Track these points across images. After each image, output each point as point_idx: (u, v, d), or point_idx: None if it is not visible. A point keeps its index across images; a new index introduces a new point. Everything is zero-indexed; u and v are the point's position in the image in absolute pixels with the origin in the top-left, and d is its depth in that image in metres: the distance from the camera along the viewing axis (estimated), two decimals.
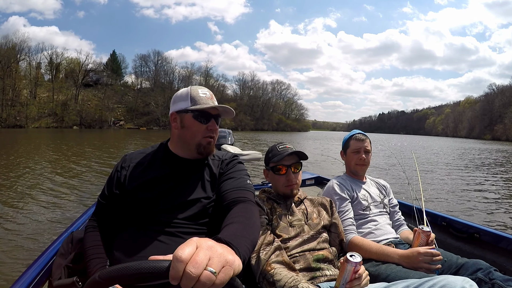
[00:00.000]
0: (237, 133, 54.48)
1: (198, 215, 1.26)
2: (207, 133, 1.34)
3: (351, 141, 2.11)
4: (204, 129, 1.33)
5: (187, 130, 1.35)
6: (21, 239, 4.13)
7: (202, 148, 1.35)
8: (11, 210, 5.47)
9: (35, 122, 58.69)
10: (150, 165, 1.37)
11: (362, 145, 2.06)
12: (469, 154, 23.77)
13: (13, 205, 5.77)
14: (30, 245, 3.93)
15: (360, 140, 2.07)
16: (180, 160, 1.38)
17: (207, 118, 1.33)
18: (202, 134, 1.34)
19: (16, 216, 5.15)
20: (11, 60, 60.97)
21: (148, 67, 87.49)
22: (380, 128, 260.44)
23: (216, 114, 1.36)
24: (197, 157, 1.39)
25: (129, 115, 74.97)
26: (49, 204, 5.94)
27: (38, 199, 6.23)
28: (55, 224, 4.79)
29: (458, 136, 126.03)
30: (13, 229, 4.52)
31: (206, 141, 1.34)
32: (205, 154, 1.38)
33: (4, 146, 17.78)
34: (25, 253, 3.70)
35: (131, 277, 0.60)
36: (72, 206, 5.83)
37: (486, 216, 6.17)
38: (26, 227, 4.62)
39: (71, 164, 11.38)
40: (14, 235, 4.30)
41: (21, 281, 1.20)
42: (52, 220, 5.00)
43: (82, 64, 73.11)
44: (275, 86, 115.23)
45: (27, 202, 6.01)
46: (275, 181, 1.71)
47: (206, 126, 1.33)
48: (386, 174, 11.44)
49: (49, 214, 5.29)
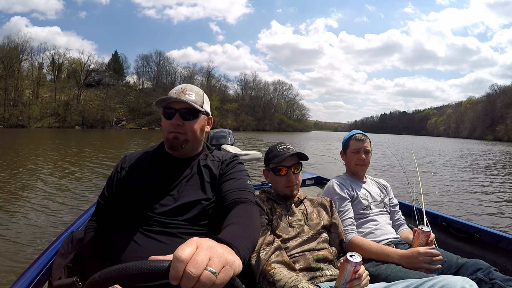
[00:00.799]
0: (239, 134, 54.38)
1: (198, 216, 1.26)
2: (171, 129, 1.31)
3: (351, 141, 2.11)
4: (169, 125, 1.32)
5: (162, 127, 1.36)
6: (20, 240, 4.13)
7: (168, 143, 1.34)
8: (8, 210, 5.47)
9: (37, 122, 58.96)
10: (150, 165, 1.37)
11: (362, 145, 2.07)
12: (472, 155, 23.50)
13: (9, 206, 5.78)
14: (29, 247, 3.92)
15: (360, 140, 2.08)
16: (177, 161, 1.38)
17: (172, 113, 1.31)
18: (167, 130, 1.32)
19: (12, 217, 5.15)
20: (14, 60, 61.38)
21: (150, 67, 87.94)
22: (382, 128, 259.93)
23: (184, 108, 1.32)
24: (179, 156, 1.38)
25: (131, 115, 75.18)
26: (50, 203, 5.95)
27: (38, 199, 6.24)
28: (55, 224, 4.79)
29: (459, 136, 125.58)
30: (13, 229, 4.52)
31: (172, 136, 1.32)
32: (172, 148, 1.35)
33: (2, 146, 17.83)
34: (24, 254, 3.69)
35: (131, 277, 0.60)
36: (72, 206, 5.82)
37: (489, 219, 6.10)
38: (25, 228, 4.61)
39: (70, 164, 11.38)
40: (13, 235, 4.29)
41: (21, 281, 1.20)
42: (52, 220, 5.00)
43: (84, 65, 73.56)
44: (277, 87, 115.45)
45: (25, 202, 6.01)
46: (275, 181, 1.70)
47: (170, 121, 1.31)
48: (386, 174, 11.41)
49: (49, 214, 5.28)
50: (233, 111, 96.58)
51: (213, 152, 1.50)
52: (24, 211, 5.45)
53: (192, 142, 1.36)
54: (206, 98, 1.42)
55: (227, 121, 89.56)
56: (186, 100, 1.29)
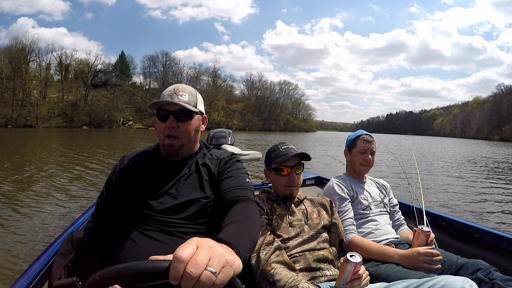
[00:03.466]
0: (245, 134, 54.27)
1: (197, 215, 1.26)
2: (166, 132, 1.29)
3: (358, 141, 2.11)
4: (163, 128, 1.30)
5: (157, 130, 1.35)
6: (20, 240, 4.15)
7: (164, 149, 1.32)
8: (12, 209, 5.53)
9: (45, 122, 59.47)
10: (148, 166, 1.37)
11: (369, 146, 2.07)
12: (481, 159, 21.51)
13: (14, 204, 5.85)
14: (28, 247, 3.93)
15: (367, 141, 2.08)
16: (175, 162, 1.37)
17: (165, 116, 1.29)
18: (162, 134, 1.31)
19: (14, 215, 5.21)
20: (22, 61, 61.95)
21: (157, 67, 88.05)
22: (388, 128, 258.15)
23: (178, 109, 1.29)
24: (177, 159, 1.37)
25: (138, 115, 75.47)
26: (49, 203, 5.98)
27: (39, 198, 6.29)
28: (54, 225, 4.81)
29: (466, 137, 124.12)
30: (13, 228, 4.56)
31: (167, 142, 1.30)
32: (168, 155, 1.34)
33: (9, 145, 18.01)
34: (23, 255, 3.70)
35: (131, 277, 0.60)
36: (72, 206, 5.85)
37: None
38: (25, 226, 4.66)
39: (72, 164, 11.39)
40: (13, 235, 4.33)
41: (21, 281, 1.20)
42: (52, 219, 5.03)
43: (91, 65, 73.98)
44: (283, 87, 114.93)
45: (28, 201, 6.07)
46: (277, 181, 1.70)
47: (164, 124, 1.29)
48: (387, 175, 11.37)
49: (49, 214, 5.33)
50: (239, 111, 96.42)
51: (211, 150, 1.49)
52: (28, 211, 5.50)
53: (187, 145, 1.36)
54: (199, 97, 1.40)
55: (233, 121, 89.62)
56: (179, 101, 1.27)
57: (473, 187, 9.76)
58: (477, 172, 13.63)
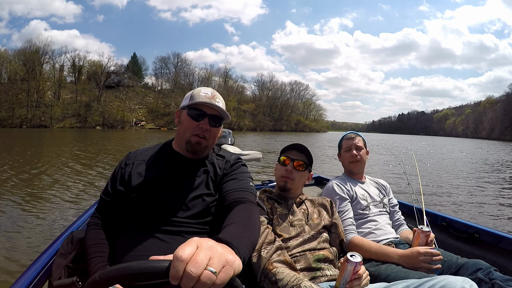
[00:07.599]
0: (256, 134, 54.10)
1: (201, 213, 1.27)
2: (197, 131, 1.32)
3: (343, 141, 2.22)
4: (194, 126, 1.32)
5: (181, 125, 1.37)
6: (20, 241, 4.16)
7: (189, 146, 1.34)
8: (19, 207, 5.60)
9: (59, 123, 60.44)
10: (154, 163, 1.38)
11: (352, 142, 2.14)
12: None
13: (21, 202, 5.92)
14: (27, 249, 3.91)
15: (349, 138, 2.17)
16: (183, 159, 1.39)
17: (201, 116, 1.32)
18: (191, 131, 1.33)
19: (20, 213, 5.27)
20: (35, 63, 63.15)
21: (168, 68, 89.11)
22: (400, 129, 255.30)
23: (214, 114, 1.34)
24: (191, 157, 1.39)
25: (150, 115, 76.17)
26: (51, 203, 6.03)
27: (40, 198, 6.34)
28: (55, 224, 4.83)
29: (478, 137, 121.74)
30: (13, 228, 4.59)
31: (195, 140, 1.33)
32: (192, 152, 1.36)
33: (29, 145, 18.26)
34: (23, 255, 3.71)
35: (132, 277, 0.60)
36: (72, 206, 5.88)
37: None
38: (27, 226, 4.69)
39: (78, 164, 11.42)
40: (12, 235, 4.35)
41: (21, 281, 1.19)
42: (51, 220, 5.05)
43: (104, 67, 74.98)
44: (294, 87, 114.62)
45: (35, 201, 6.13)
46: (277, 172, 1.80)
47: (197, 123, 1.32)
48: (387, 175, 11.28)
49: (49, 214, 5.34)
50: (250, 111, 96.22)
51: (219, 152, 1.52)
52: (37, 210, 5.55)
53: (210, 148, 1.41)
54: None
55: (244, 122, 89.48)
56: (219, 107, 1.32)
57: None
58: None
